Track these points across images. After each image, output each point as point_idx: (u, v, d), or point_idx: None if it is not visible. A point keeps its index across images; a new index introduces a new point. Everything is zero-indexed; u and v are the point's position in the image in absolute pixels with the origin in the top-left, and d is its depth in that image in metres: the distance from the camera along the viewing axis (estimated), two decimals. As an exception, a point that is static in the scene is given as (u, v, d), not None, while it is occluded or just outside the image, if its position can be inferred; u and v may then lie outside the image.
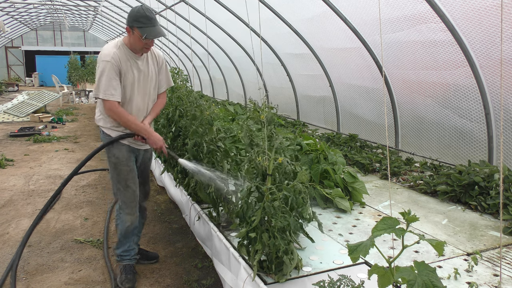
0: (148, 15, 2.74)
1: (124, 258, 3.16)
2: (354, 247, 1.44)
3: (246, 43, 8.83)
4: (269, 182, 2.32)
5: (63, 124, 11.07)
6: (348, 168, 3.91)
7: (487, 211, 3.40)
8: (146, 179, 3.31)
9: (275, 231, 2.17)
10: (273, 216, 2.17)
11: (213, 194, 3.13)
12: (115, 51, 2.80)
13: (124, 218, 3.06)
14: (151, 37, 2.79)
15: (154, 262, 3.48)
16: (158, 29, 2.80)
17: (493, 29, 3.73)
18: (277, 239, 2.16)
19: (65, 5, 16.68)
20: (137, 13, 2.75)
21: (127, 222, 3.06)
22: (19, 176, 6.12)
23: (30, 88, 22.30)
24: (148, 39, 2.79)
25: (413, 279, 1.31)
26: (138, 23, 2.75)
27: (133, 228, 3.12)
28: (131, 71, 2.88)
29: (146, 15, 2.74)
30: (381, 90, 5.62)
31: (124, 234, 3.11)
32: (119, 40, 2.91)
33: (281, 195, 2.24)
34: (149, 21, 2.75)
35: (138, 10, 2.76)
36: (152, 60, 3.04)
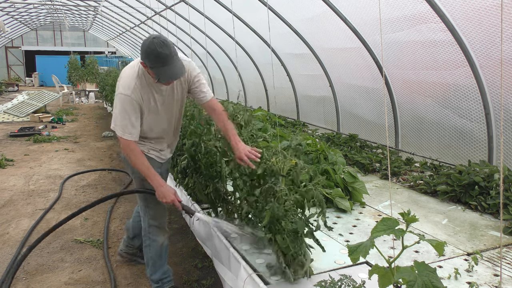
0: (160, 53, 2.28)
1: (165, 282, 2.85)
2: (354, 247, 1.44)
3: (246, 43, 8.84)
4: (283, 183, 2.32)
5: (63, 124, 11.08)
6: (348, 168, 3.91)
7: (487, 211, 3.39)
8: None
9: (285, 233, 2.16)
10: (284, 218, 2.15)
11: (211, 195, 3.12)
12: (135, 84, 2.47)
13: (156, 238, 2.77)
14: (164, 81, 2.43)
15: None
16: (173, 70, 2.34)
17: (493, 29, 3.73)
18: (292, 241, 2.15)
19: (65, 5, 16.68)
20: (147, 49, 2.31)
21: (159, 240, 2.78)
22: (19, 176, 6.12)
23: (30, 88, 22.31)
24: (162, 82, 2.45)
25: (413, 280, 1.31)
26: (149, 62, 2.35)
27: (166, 246, 2.86)
28: (153, 97, 2.56)
29: (157, 52, 2.28)
30: (381, 90, 5.62)
31: (159, 254, 2.81)
32: (139, 66, 2.53)
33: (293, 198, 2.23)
34: (162, 61, 2.30)
35: (149, 46, 2.30)
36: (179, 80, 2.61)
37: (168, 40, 2.36)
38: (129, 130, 2.47)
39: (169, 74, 2.36)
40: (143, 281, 3.21)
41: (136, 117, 2.49)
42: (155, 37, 2.33)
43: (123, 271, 3.39)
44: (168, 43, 2.33)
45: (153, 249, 2.80)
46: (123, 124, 2.46)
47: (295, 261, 2.19)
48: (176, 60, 2.36)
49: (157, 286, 2.86)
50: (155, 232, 2.78)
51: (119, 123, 2.47)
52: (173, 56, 2.33)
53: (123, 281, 3.23)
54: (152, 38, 2.33)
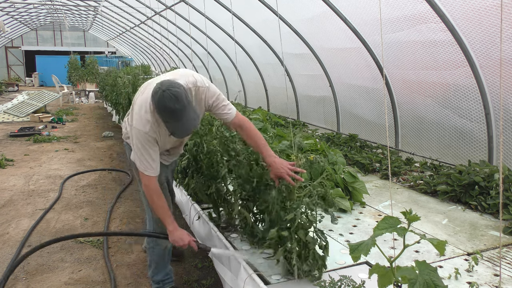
0: (172, 109, 2.12)
1: (166, 283, 2.87)
2: (355, 246, 1.44)
3: (246, 43, 8.84)
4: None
5: (63, 124, 11.07)
6: (348, 168, 3.91)
7: (487, 211, 3.40)
8: (171, 190, 3.19)
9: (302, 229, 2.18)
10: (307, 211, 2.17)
11: (213, 195, 3.12)
12: (151, 120, 2.33)
13: (160, 241, 2.77)
14: (178, 137, 2.38)
15: (175, 259, 3.40)
16: (185, 126, 2.20)
17: (493, 29, 3.74)
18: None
19: (65, 5, 16.68)
20: (158, 102, 2.16)
21: (163, 244, 2.78)
22: (19, 176, 6.12)
23: (30, 88, 22.31)
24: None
25: (414, 278, 1.31)
26: (161, 116, 2.23)
27: (170, 249, 2.86)
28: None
29: (170, 109, 2.13)
30: (381, 90, 5.62)
31: (162, 257, 2.83)
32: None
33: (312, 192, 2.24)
34: (175, 117, 2.17)
35: (160, 99, 2.14)
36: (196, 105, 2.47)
37: (179, 90, 2.15)
38: (150, 165, 2.40)
39: (182, 130, 2.24)
40: (143, 281, 3.21)
41: (154, 151, 2.41)
42: (165, 90, 2.13)
43: (123, 271, 3.39)
44: (180, 95, 2.13)
45: (157, 252, 2.80)
46: (144, 159, 2.39)
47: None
48: (189, 111, 2.19)
49: (157, 287, 2.87)
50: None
51: (139, 157, 2.40)
52: (186, 108, 2.15)
53: (123, 281, 3.23)
54: (162, 90, 2.13)
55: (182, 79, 2.39)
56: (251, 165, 2.65)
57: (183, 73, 2.49)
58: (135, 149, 2.41)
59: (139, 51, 20.19)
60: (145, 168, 2.40)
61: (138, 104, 2.40)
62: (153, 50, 16.82)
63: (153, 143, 2.38)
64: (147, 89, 2.41)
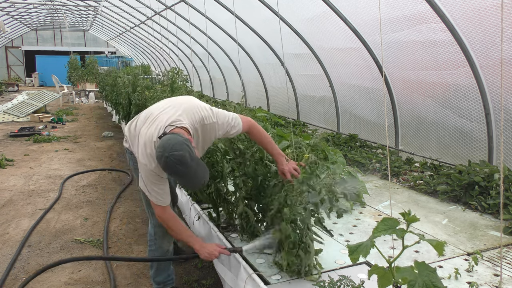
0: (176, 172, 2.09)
1: (167, 284, 2.85)
2: (354, 247, 1.44)
3: (246, 43, 8.83)
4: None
5: (63, 124, 11.08)
6: (348, 168, 3.91)
7: (487, 211, 3.39)
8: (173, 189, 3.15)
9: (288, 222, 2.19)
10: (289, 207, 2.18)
11: (212, 195, 3.12)
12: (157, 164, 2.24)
13: (161, 244, 2.75)
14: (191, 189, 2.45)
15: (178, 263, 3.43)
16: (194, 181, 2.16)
17: (493, 29, 3.73)
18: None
19: (65, 5, 16.68)
20: (164, 167, 2.13)
21: (165, 247, 2.76)
22: (19, 176, 6.12)
23: (30, 88, 22.31)
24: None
25: (413, 279, 1.31)
26: (168, 173, 2.21)
27: (171, 251, 2.83)
28: None
29: (173, 171, 2.10)
30: (381, 90, 5.62)
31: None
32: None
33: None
34: (181, 177, 2.15)
35: (165, 165, 2.09)
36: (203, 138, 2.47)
37: (182, 153, 2.05)
38: (162, 197, 2.37)
39: (192, 186, 2.25)
40: (143, 281, 3.21)
41: (163, 183, 2.36)
42: (169, 156, 2.04)
43: (123, 271, 3.39)
44: (184, 158, 2.04)
45: (158, 255, 2.78)
46: (154, 192, 2.35)
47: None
48: (196, 169, 2.11)
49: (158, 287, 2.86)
50: (160, 238, 2.75)
51: (148, 190, 2.36)
52: (192, 168, 2.09)
53: (123, 281, 3.23)
54: (165, 156, 2.05)
55: (188, 118, 2.31)
56: (256, 163, 2.66)
57: (190, 107, 2.38)
58: (144, 181, 2.36)
59: (139, 51, 20.20)
60: (156, 200, 2.37)
61: (143, 138, 2.33)
62: (153, 50, 16.82)
63: (161, 178, 2.33)
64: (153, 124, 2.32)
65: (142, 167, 2.33)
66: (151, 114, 2.42)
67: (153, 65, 19.45)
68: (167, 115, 2.30)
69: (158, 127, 2.25)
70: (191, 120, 2.32)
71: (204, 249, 2.42)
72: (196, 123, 2.34)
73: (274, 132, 4.47)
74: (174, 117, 2.28)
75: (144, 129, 2.36)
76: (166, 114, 2.32)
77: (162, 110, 2.38)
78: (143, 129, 2.38)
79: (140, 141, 2.35)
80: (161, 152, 2.08)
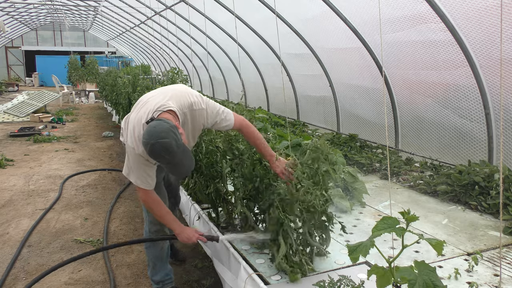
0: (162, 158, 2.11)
1: (166, 283, 2.85)
2: (354, 247, 1.44)
3: (246, 43, 8.83)
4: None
5: (63, 124, 11.08)
6: (348, 168, 3.90)
7: (487, 211, 3.39)
8: (175, 191, 3.17)
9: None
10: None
11: (212, 195, 3.12)
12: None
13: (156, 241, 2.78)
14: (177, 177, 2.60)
15: (178, 263, 3.44)
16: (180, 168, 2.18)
17: (493, 29, 3.73)
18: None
19: (65, 5, 16.68)
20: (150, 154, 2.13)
21: (160, 244, 2.78)
22: (19, 176, 6.12)
23: (30, 88, 22.31)
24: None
25: (413, 279, 1.31)
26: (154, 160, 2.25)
27: (167, 248, 2.85)
28: None
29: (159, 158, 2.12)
30: (381, 90, 5.62)
31: (159, 257, 2.81)
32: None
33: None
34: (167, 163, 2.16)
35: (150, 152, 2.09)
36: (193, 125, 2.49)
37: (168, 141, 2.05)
38: (147, 181, 2.40)
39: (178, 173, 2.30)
40: (143, 281, 3.21)
41: (151, 169, 2.40)
42: (155, 143, 2.04)
43: (123, 271, 3.39)
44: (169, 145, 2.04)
45: (153, 252, 2.80)
46: (139, 175, 2.38)
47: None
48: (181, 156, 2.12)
49: (157, 287, 2.86)
50: (155, 235, 2.78)
51: (134, 173, 2.38)
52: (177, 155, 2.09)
53: (123, 281, 3.23)
54: (151, 144, 2.05)
55: (176, 103, 2.34)
56: (254, 164, 2.66)
57: (179, 93, 2.41)
58: (130, 165, 2.39)
59: (139, 51, 20.20)
60: (141, 182, 2.39)
61: (132, 123, 2.36)
62: (153, 50, 16.82)
63: (147, 161, 2.36)
64: (142, 109, 2.36)
65: (130, 151, 2.35)
66: (141, 101, 2.47)
67: (153, 65, 19.46)
68: (156, 101, 2.34)
69: (147, 112, 2.29)
70: (179, 104, 2.35)
71: (184, 233, 2.51)
72: (184, 107, 2.37)
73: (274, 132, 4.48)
74: (163, 102, 2.31)
75: (133, 115, 2.40)
76: (155, 100, 2.35)
77: (151, 97, 2.43)
78: (132, 115, 2.42)
79: (130, 126, 2.38)
80: (147, 139, 2.08)
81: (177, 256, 3.46)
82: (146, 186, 2.40)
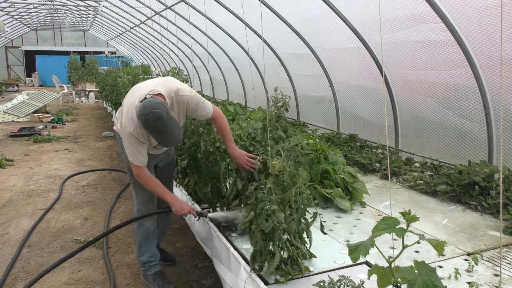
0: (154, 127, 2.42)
1: (151, 265, 3.07)
2: (354, 247, 1.44)
3: (246, 43, 8.83)
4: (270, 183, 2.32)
5: (63, 124, 11.08)
6: (348, 168, 3.91)
7: (487, 211, 3.39)
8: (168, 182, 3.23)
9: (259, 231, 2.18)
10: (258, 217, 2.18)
11: (209, 195, 3.14)
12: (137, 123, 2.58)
13: (143, 222, 3.02)
14: (164, 146, 2.81)
15: (169, 264, 3.46)
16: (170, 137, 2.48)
17: (493, 29, 3.73)
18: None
19: (65, 5, 16.68)
20: (144, 123, 2.44)
21: (146, 225, 3.02)
22: (19, 176, 6.12)
23: (30, 88, 22.31)
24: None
25: (413, 279, 1.31)
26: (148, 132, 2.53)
27: (153, 229, 3.06)
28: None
29: (151, 127, 2.43)
30: (381, 90, 5.62)
31: (145, 238, 3.04)
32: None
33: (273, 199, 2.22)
34: (158, 133, 2.46)
35: (144, 121, 2.41)
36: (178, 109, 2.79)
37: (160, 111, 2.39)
38: (139, 158, 2.70)
39: (167, 141, 2.56)
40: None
41: (142, 148, 2.70)
42: (149, 113, 2.38)
43: (123, 271, 3.39)
44: (161, 115, 2.38)
45: (140, 232, 3.04)
46: (133, 153, 2.69)
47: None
48: (171, 126, 2.45)
49: (144, 269, 3.07)
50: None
51: (129, 153, 2.70)
52: (168, 125, 2.42)
53: (123, 281, 3.23)
54: (145, 114, 2.39)
55: (165, 88, 2.67)
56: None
57: (168, 81, 2.77)
58: (126, 145, 2.70)
59: (139, 51, 20.20)
60: (134, 159, 2.70)
61: (126, 107, 2.68)
62: (153, 50, 16.82)
63: (140, 141, 2.67)
64: (135, 94, 2.68)
65: (124, 132, 2.66)
66: (133, 88, 2.83)
67: (153, 65, 19.45)
68: (147, 87, 2.67)
69: (139, 96, 2.62)
70: (167, 89, 2.68)
71: (177, 204, 2.78)
72: (171, 92, 2.70)
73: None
74: (153, 87, 2.64)
75: (127, 100, 2.74)
76: (146, 87, 2.69)
77: (143, 85, 2.77)
78: (126, 100, 2.75)
79: (124, 111, 2.69)
80: (142, 110, 2.42)
81: (166, 258, 3.47)
82: (139, 163, 2.71)
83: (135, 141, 2.66)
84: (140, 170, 2.74)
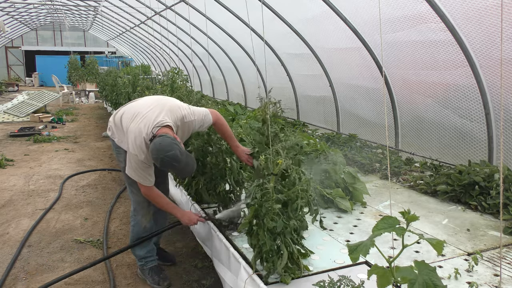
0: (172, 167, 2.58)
1: (148, 260, 3.17)
2: (354, 247, 1.44)
3: (246, 43, 8.83)
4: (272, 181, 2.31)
5: (63, 124, 11.08)
6: (348, 168, 3.91)
7: (487, 211, 3.39)
8: (163, 178, 3.28)
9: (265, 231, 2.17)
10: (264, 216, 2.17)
11: (222, 193, 3.16)
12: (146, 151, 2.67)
13: (139, 220, 3.09)
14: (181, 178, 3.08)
15: (169, 264, 3.47)
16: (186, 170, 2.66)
17: (493, 29, 3.73)
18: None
19: (65, 5, 16.68)
20: (161, 166, 2.57)
21: (143, 223, 3.09)
22: (19, 176, 6.12)
23: (30, 88, 22.31)
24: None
25: (413, 278, 1.31)
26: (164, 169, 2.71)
27: (150, 227, 3.13)
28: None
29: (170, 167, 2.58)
30: (381, 90, 5.62)
31: (141, 235, 3.11)
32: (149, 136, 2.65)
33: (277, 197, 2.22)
34: (176, 170, 2.66)
35: (162, 164, 2.54)
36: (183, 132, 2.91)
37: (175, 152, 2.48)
38: (147, 178, 2.79)
39: (183, 174, 2.87)
40: (143, 281, 3.21)
41: (150, 169, 2.78)
42: (164, 157, 2.47)
43: (123, 271, 3.39)
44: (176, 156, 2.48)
45: (136, 230, 3.11)
46: (140, 176, 2.77)
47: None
48: (186, 161, 2.57)
49: (141, 264, 3.16)
50: (139, 215, 3.08)
51: (137, 174, 2.76)
52: (183, 161, 2.53)
53: (123, 281, 3.23)
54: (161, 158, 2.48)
55: (171, 117, 2.74)
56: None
57: (172, 108, 2.80)
58: (133, 167, 2.75)
59: (139, 51, 20.19)
60: (143, 181, 2.78)
61: (132, 132, 2.71)
62: (153, 50, 16.82)
63: (148, 165, 2.75)
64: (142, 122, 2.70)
65: (133, 157, 2.72)
66: (139, 112, 2.80)
67: (153, 65, 19.45)
68: (154, 115, 2.72)
69: (147, 125, 2.67)
70: (174, 118, 2.76)
71: (185, 216, 2.90)
72: (178, 120, 2.79)
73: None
74: (160, 117, 2.69)
75: (133, 125, 2.74)
76: (153, 113, 2.73)
77: (149, 110, 2.77)
78: (132, 125, 2.76)
79: (130, 136, 2.72)
80: (156, 155, 2.51)
81: (165, 258, 3.49)
82: (147, 183, 2.79)
83: (144, 165, 2.73)
84: (149, 190, 2.82)
